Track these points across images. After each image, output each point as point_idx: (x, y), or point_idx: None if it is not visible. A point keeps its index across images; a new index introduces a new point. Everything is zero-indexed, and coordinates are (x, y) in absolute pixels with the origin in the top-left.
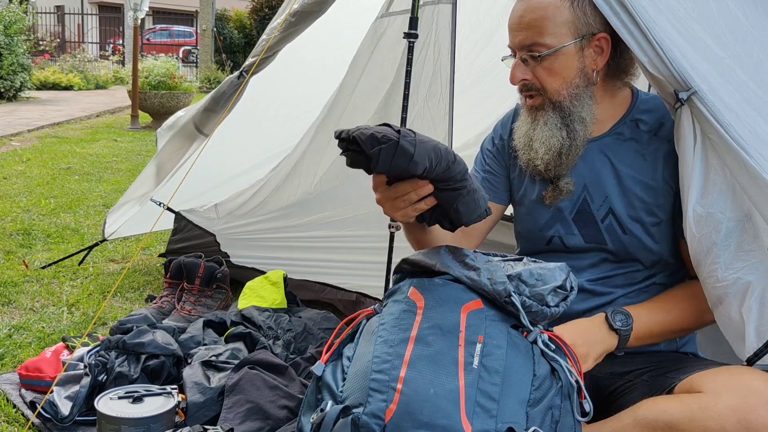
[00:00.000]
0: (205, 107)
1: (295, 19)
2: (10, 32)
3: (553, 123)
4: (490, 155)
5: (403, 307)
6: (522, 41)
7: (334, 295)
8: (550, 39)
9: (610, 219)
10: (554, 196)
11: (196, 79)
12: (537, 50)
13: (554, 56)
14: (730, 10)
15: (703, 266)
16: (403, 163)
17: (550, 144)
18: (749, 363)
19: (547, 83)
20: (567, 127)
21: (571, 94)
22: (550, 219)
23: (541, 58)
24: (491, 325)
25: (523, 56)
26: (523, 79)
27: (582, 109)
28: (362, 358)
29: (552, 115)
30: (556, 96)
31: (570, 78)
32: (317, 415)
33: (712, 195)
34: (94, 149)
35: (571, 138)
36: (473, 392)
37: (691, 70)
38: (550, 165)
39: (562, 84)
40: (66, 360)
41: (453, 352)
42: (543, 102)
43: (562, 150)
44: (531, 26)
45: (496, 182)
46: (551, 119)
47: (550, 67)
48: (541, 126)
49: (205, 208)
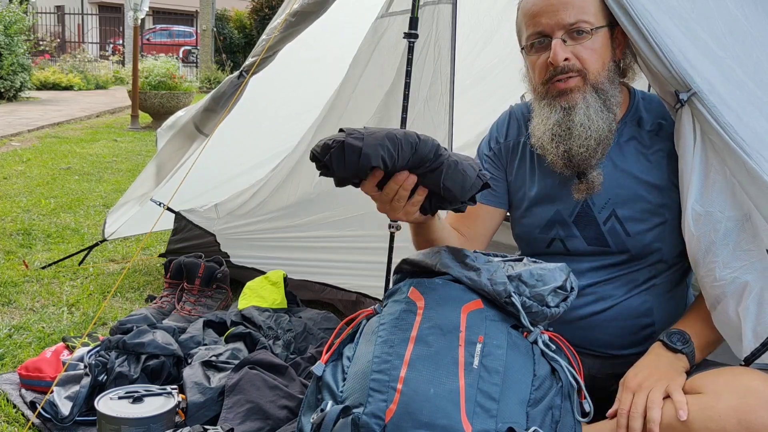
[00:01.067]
0: (205, 107)
1: (295, 19)
2: (10, 32)
3: (597, 105)
4: (488, 160)
5: (403, 307)
6: (562, 20)
7: (334, 295)
8: (593, 18)
9: (613, 221)
10: (587, 190)
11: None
12: (582, 28)
13: (597, 35)
14: (729, 10)
15: (701, 265)
16: (354, 160)
17: (597, 126)
18: (746, 363)
19: (590, 63)
20: (609, 109)
21: (608, 78)
22: (549, 220)
23: (587, 33)
24: (491, 325)
25: (563, 36)
26: (566, 58)
27: (616, 93)
28: (362, 358)
29: (594, 97)
30: (597, 77)
31: (607, 61)
32: (317, 415)
33: (712, 194)
34: (94, 149)
35: (614, 121)
36: (473, 392)
37: (692, 71)
38: (591, 152)
39: (603, 66)
40: (66, 360)
41: (453, 352)
42: (581, 84)
43: (606, 134)
44: (572, 4)
45: (496, 186)
46: (594, 101)
47: (593, 48)
48: (584, 110)
49: (205, 208)
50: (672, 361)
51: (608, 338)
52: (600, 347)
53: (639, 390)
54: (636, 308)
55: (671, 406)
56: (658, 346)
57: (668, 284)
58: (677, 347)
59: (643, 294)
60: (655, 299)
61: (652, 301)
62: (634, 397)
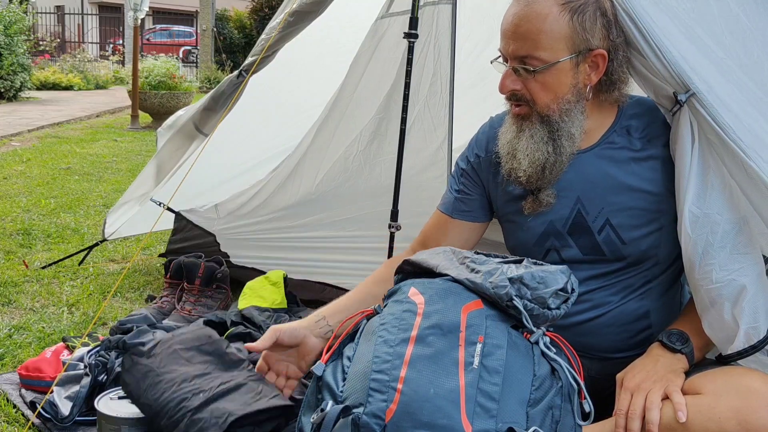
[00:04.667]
0: (205, 106)
1: (294, 18)
2: (10, 32)
3: (540, 137)
4: (465, 174)
5: (403, 307)
6: (515, 51)
7: (334, 295)
8: (545, 53)
9: (608, 230)
10: (534, 208)
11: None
12: (530, 64)
13: (548, 71)
14: (730, 9)
15: (696, 268)
16: None
17: (535, 157)
18: (726, 359)
19: (538, 97)
20: (554, 142)
21: (561, 110)
22: (543, 234)
23: (534, 72)
24: (492, 324)
25: (515, 66)
26: (513, 89)
27: (572, 125)
28: (362, 358)
29: (539, 128)
30: (546, 110)
31: (562, 93)
32: (317, 415)
33: (710, 197)
34: (94, 149)
35: (557, 153)
36: (473, 392)
37: (690, 72)
38: (532, 178)
39: (554, 99)
40: (66, 360)
41: (453, 352)
42: (530, 112)
43: (546, 164)
44: (526, 37)
45: (470, 202)
46: (538, 132)
47: (543, 82)
48: (527, 138)
49: (205, 208)
50: (671, 361)
51: (606, 343)
52: (598, 352)
53: (637, 391)
54: (632, 312)
55: (670, 408)
56: (657, 347)
57: (664, 286)
58: (676, 347)
59: (639, 298)
60: (651, 302)
61: (649, 304)
62: (632, 397)
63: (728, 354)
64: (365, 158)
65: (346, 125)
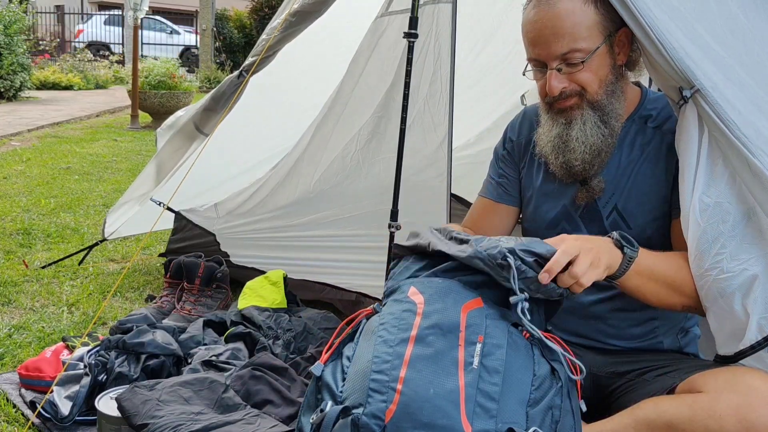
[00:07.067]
0: (205, 107)
1: (296, 19)
2: (10, 32)
3: (593, 122)
4: (503, 159)
5: (403, 306)
6: (556, 51)
7: (333, 295)
8: (585, 43)
9: (614, 215)
10: (588, 197)
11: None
12: (574, 57)
13: (593, 59)
14: (730, 9)
15: (705, 257)
16: None
17: (592, 142)
18: (739, 356)
19: (588, 86)
20: (605, 124)
21: (607, 92)
22: (556, 217)
23: (582, 63)
24: (491, 324)
25: (558, 66)
26: (562, 88)
27: (618, 104)
28: (362, 358)
29: (591, 114)
30: (596, 95)
31: (605, 76)
32: (317, 416)
33: (720, 185)
34: (93, 149)
35: (611, 135)
36: (473, 392)
37: (694, 68)
38: (588, 164)
39: (600, 83)
40: (66, 360)
41: (453, 352)
42: (580, 102)
43: (602, 147)
44: (563, 34)
45: (510, 186)
46: (590, 118)
47: (589, 69)
48: (580, 126)
49: (204, 208)
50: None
51: (610, 329)
52: (603, 337)
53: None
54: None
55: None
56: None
57: None
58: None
59: None
60: None
61: None
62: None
63: (740, 350)
64: (363, 157)
65: (344, 124)
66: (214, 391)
